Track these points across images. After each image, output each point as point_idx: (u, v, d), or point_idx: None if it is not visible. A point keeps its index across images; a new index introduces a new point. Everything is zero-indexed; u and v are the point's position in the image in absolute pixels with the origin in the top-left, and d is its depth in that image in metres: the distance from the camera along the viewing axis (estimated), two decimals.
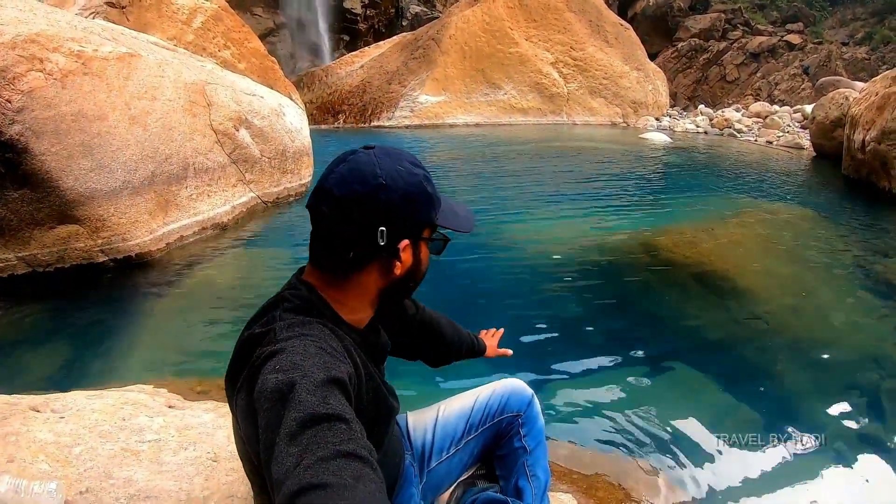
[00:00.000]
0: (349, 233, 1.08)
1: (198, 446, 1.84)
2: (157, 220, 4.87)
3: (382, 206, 1.07)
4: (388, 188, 1.07)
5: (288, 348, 0.96)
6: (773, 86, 24.44)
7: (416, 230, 1.14)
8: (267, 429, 0.87)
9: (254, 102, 6.64)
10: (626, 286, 4.71)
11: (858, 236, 6.33)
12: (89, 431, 1.77)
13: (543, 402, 2.90)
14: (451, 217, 1.22)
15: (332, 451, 0.79)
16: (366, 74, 17.13)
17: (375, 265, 1.13)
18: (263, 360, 0.97)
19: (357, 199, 1.06)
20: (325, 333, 1.05)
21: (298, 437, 0.81)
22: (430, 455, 1.60)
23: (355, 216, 1.07)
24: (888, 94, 8.31)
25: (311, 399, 0.86)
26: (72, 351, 3.43)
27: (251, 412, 0.95)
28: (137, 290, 4.32)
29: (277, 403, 0.87)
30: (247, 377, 1.00)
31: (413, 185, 1.11)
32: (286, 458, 0.80)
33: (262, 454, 0.87)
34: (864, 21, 29.71)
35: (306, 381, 0.89)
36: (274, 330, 1.03)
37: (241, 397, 1.01)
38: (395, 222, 1.09)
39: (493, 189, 8.06)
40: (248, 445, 1.02)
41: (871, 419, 2.96)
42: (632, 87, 17.97)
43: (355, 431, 0.85)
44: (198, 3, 8.20)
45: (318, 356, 0.96)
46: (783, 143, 13.96)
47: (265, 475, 0.86)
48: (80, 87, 4.42)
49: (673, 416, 2.89)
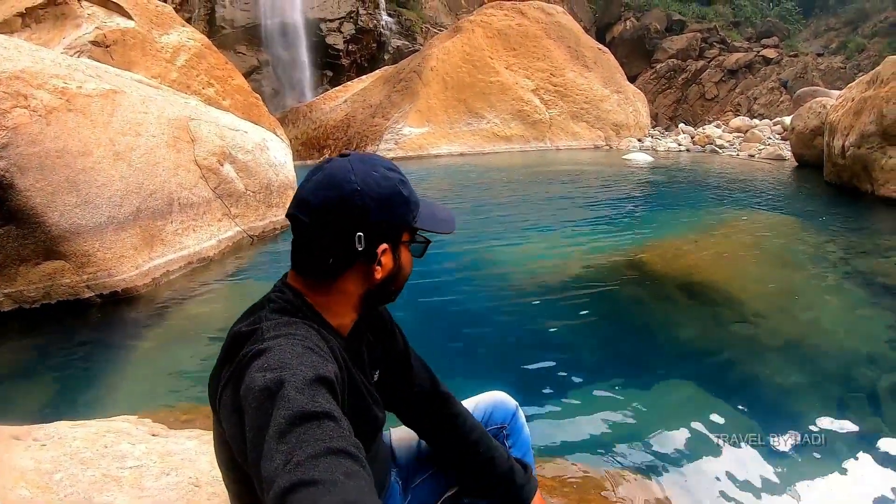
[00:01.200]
0: (327, 239, 1.09)
1: (180, 472, 1.82)
2: (143, 255, 4.86)
3: (358, 212, 1.08)
4: (363, 193, 1.08)
5: (275, 347, 0.97)
6: (753, 100, 24.81)
7: (394, 234, 1.15)
8: (255, 427, 0.87)
9: (237, 137, 6.69)
10: (613, 301, 4.72)
11: (844, 239, 6.38)
12: (70, 458, 1.75)
13: (534, 418, 2.90)
14: (431, 219, 1.21)
15: (322, 448, 0.79)
16: (349, 109, 17.27)
17: (356, 270, 1.13)
18: (250, 358, 0.97)
19: (332, 206, 1.07)
20: (311, 333, 1.05)
21: (287, 434, 0.81)
22: (416, 471, 1.57)
23: (332, 223, 1.08)
24: (864, 99, 8.48)
25: (299, 397, 0.86)
26: (58, 386, 3.40)
27: (236, 409, 0.95)
28: (124, 326, 4.30)
29: (266, 401, 0.87)
30: (232, 375, 1.00)
31: (388, 189, 1.12)
32: (275, 455, 0.79)
33: (250, 453, 0.87)
34: (837, 31, 30.44)
35: (295, 380, 0.89)
36: (261, 329, 1.04)
37: (225, 395, 1.01)
38: (371, 227, 1.09)
39: (480, 215, 8.10)
40: (232, 444, 1.01)
41: (868, 418, 2.95)
42: (613, 109, 18.19)
43: (344, 429, 0.85)
44: (181, 41, 8.28)
45: (305, 355, 0.96)
46: (765, 155, 14.13)
47: (252, 474, 0.86)
48: (64, 124, 4.45)
49: (665, 425, 2.87)
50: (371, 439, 1.30)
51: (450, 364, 3.56)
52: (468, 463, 1.49)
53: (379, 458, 1.39)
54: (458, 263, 5.58)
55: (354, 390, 1.17)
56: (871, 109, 8.19)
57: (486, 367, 3.63)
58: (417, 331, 1.54)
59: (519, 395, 1.69)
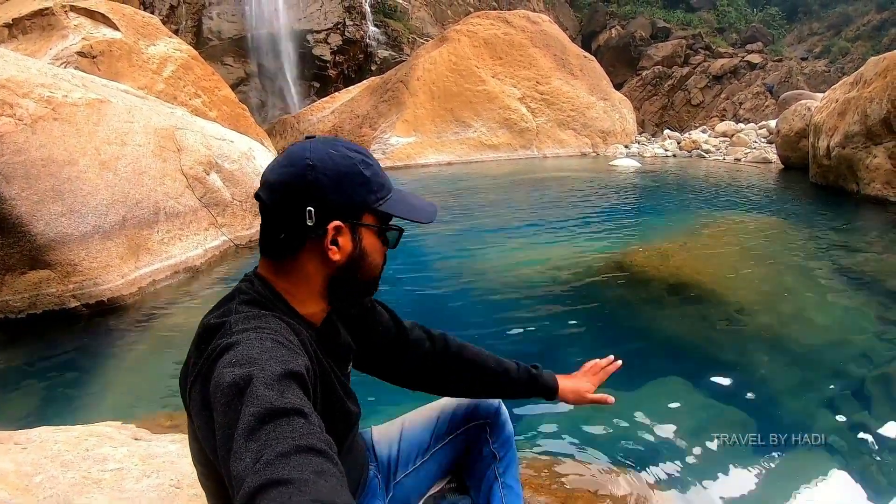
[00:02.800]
0: (279, 213, 1.09)
1: (161, 474, 1.80)
2: (129, 265, 4.83)
3: (310, 185, 1.07)
4: (316, 168, 1.07)
5: (243, 341, 0.96)
6: (738, 105, 25.06)
7: (350, 212, 1.12)
8: (224, 424, 0.86)
9: (224, 146, 6.68)
10: (602, 303, 4.72)
11: (831, 238, 6.43)
12: (51, 461, 1.73)
13: (523, 416, 2.89)
14: (402, 206, 1.18)
15: (292, 445, 0.78)
16: (337, 119, 17.29)
17: (311, 250, 1.12)
18: (219, 353, 0.96)
19: (286, 180, 1.08)
20: (280, 326, 1.05)
21: (256, 432, 0.80)
22: (397, 467, 1.56)
23: (284, 197, 1.08)
24: (848, 100, 8.59)
25: (268, 393, 0.85)
26: (42, 394, 3.37)
27: (206, 405, 0.94)
28: (110, 335, 4.26)
29: (234, 398, 0.86)
30: (201, 370, 0.99)
31: (345, 167, 1.10)
32: (245, 453, 0.79)
33: (220, 450, 0.86)
34: (820, 35, 30.84)
35: (263, 375, 0.88)
36: (229, 322, 1.03)
37: (195, 390, 1.00)
38: (323, 202, 1.08)
39: (468, 222, 8.10)
40: (203, 441, 1.00)
41: (859, 414, 2.96)
42: (599, 117, 18.29)
43: (314, 425, 0.84)
44: (168, 52, 8.29)
45: (274, 349, 0.95)
46: (751, 158, 14.24)
47: (222, 471, 0.85)
48: (50, 133, 4.43)
49: (654, 423, 2.87)
50: (345, 434, 1.29)
51: None
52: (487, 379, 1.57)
53: (354, 454, 1.38)
54: (447, 268, 5.58)
55: (326, 384, 1.16)
56: (856, 110, 8.29)
57: None
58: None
59: None
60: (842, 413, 2.96)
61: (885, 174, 7.81)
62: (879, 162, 7.88)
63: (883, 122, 7.70)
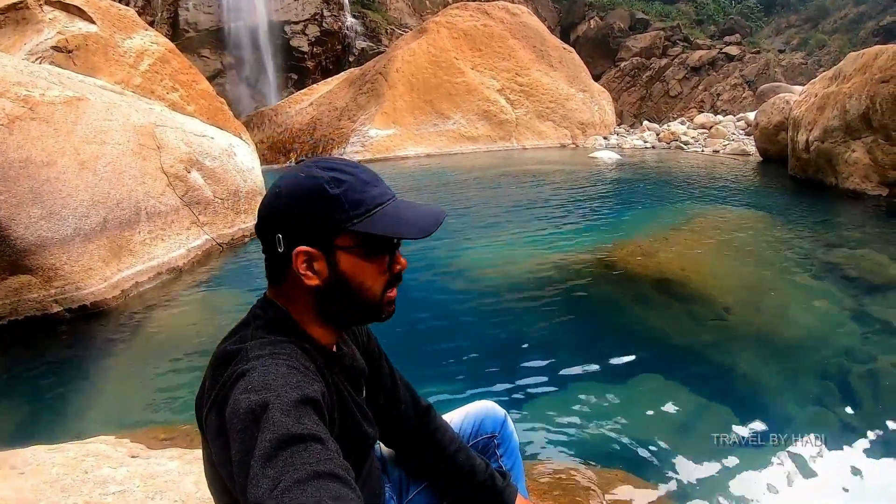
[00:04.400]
0: (262, 242, 1.11)
1: (165, 495, 1.77)
2: (111, 267, 4.74)
3: (275, 212, 1.07)
4: (280, 194, 1.06)
5: (259, 367, 0.95)
6: (716, 97, 25.30)
7: (317, 236, 1.06)
8: (241, 451, 0.85)
9: (204, 143, 6.57)
10: (586, 301, 4.73)
11: (811, 231, 6.53)
12: (51, 486, 1.69)
13: (517, 423, 2.89)
14: (388, 222, 1.09)
15: (309, 472, 0.78)
16: (315, 112, 17.12)
17: (292, 275, 1.08)
18: (235, 379, 0.95)
19: (261, 208, 1.10)
20: (296, 352, 1.03)
21: (273, 458, 0.80)
22: (408, 485, 1.54)
23: (260, 225, 1.09)
24: (827, 94, 8.70)
25: (285, 419, 0.84)
26: (28, 406, 3.29)
27: (222, 432, 0.92)
28: (94, 341, 4.19)
29: (251, 425, 0.85)
30: (217, 396, 0.97)
31: (307, 190, 1.05)
32: (262, 480, 0.78)
33: (237, 477, 0.85)
34: (798, 28, 31.23)
35: (280, 402, 0.87)
36: (245, 348, 1.01)
37: (211, 417, 0.98)
38: (287, 228, 1.06)
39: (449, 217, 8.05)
40: (219, 467, 0.99)
41: (843, 409, 3.01)
42: (578, 108, 18.34)
43: (331, 451, 0.84)
44: (145, 45, 8.10)
45: (290, 375, 0.94)
46: (729, 151, 14.37)
47: (240, 499, 0.84)
48: (27, 133, 4.32)
49: (647, 424, 2.90)
50: (363, 457, 1.27)
51: (423, 368, 3.54)
52: (448, 475, 1.48)
53: (372, 476, 1.36)
54: (428, 264, 5.54)
55: (344, 408, 1.14)
56: (835, 105, 8.40)
57: (459, 369, 3.60)
58: (389, 333, 1.48)
59: (496, 396, 1.69)
60: (825, 408, 3.02)
61: (864, 168, 7.94)
62: (858, 156, 8.01)
63: (862, 117, 7.82)
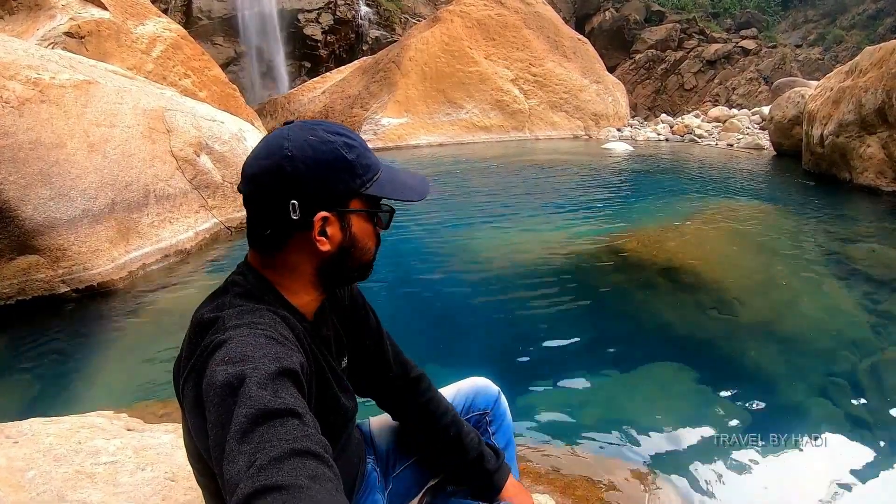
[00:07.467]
0: (263, 209, 1.05)
1: (155, 467, 1.78)
2: (119, 249, 4.78)
3: (289, 178, 1.02)
4: (294, 158, 1.02)
5: (237, 337, 0.93)
6: (731, 91, 25.02)
7: (336, 201, 1.07)
8: (217, 425, 0.84)
9: (214, 128, 6.59)
10: (596, 289, 4.73)
11: (823, 226, 6.46)
12: (43, 455, 1.71)
13: (519, 405, 2.89)
14: (391, 186, 1.12)
15: (286, 449, 0.77)
16: (328, 100, 17.14)
17: (298, 242, 1.07)
18: (212, 349, 0.93)
19: (265, 174, 1.03)
20: (275, 321, 1.02)
21: (250, 434, 0.78)
22: (396, 460, 1.53)
23: (265, 192, 1.04)
24: (843, 89, 8.58)
25: (261, 393, 0.83)
26: (33, 383, 3.34)
27: (198, 403, 0.91)
28: (100, 321, 4.22)
29: (227, 398, 0.84)
30: (193, 366, 0.96)
31: (325, 154, 1.04)
32: (238, 457, 0.77)
33: (213, 451, 0.84)
34: (815, 23, 30.75)
35: (257, 374, 0.86)
36: (223, 317, 1.00)
37: (188, 387, 0.97)
38: (306, 194, 1.03)
39: (460, 205, 8.07)
40: (196, 440, 0.98)
41: (852, 403, 2.98)
42: (592, 99, 18.23)
43: (309, 426, 0.82)
44: (157, 31, 8.15)
45: (268, 346, 0.93)
46: (743, 144, 14.25)
47: (216, 473, 0.83)
48: (37, 115, 4.35)
49: (650, 412, 2.89)
50: (340, 430, 1.26)
51: (430, 349, 3.56)
52: (438, 447, 1.46)
53: (350, 449, 1.35)
54: (439, 250, 5.56)
55: (322, 379, 1.13)
56: (850, 99, 8.28)
57: (467, 352, 3.62)
58: (397, 316, 1.47)
59: (501, 380, 1.67)
60: (832, 402, 2.98)
61: (879, 164, 7.82)
62: (873, 151, 7.89)
63: (878, 112, 7.71)
